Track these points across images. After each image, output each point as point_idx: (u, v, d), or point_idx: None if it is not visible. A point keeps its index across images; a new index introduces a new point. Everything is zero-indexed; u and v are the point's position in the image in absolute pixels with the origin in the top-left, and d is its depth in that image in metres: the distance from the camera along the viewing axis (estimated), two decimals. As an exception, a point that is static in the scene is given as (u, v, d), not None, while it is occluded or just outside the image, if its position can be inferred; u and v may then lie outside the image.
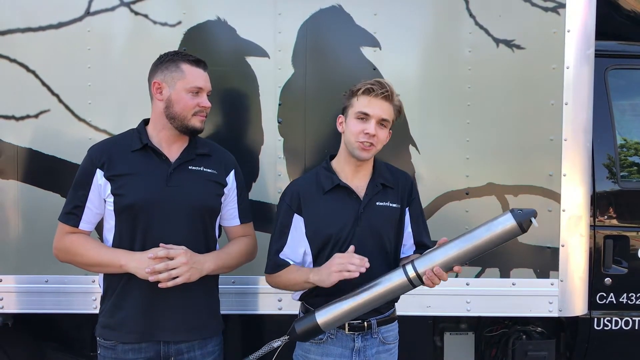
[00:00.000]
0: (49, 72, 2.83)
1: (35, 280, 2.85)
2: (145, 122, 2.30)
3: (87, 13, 2.82)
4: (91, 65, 2.83)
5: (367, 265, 2.02)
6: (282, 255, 2.23)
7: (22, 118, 2.84)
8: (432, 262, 2.03)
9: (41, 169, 2.84)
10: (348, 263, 2.01)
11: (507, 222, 1.97)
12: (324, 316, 2.09)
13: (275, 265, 2.24)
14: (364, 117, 2.15)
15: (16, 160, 2.85)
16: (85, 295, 2.84)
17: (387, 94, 2.15)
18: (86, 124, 2.84)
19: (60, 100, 2.84)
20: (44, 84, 2.84)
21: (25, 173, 2.86)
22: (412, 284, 2.06)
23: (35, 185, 2.85)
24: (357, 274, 2.01)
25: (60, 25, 2.83)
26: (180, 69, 2.19)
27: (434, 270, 2.01)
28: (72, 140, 2.82)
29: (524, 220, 1.96)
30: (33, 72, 2.83)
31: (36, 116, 2.84)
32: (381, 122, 2.16)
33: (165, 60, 2.22)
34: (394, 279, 2.07)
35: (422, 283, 2.05)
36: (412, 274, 2.04)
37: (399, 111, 2.23)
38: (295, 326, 2.13)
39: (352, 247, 2.09)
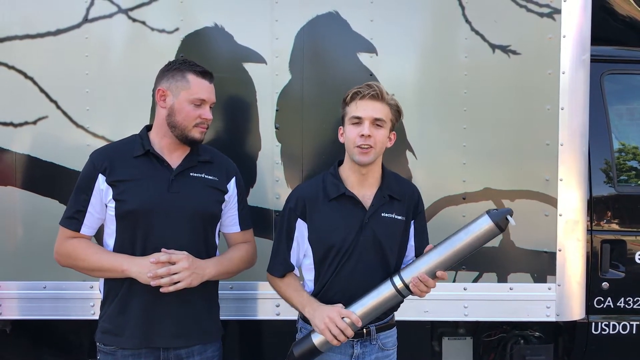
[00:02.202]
0: (47, 79, 2.84)
1: (34, 286, 2.85)
2: (148, 127, 2.30)
3: (85, 20, 2.83)
4: (89, 72, 2.84)
5: (347, 336, 2.05)
6: (290, 259, 2.25)
7: (20, 124, 2.85)
8: (417, 270, 2.05)
9: (39, 175, 2.85)
10: (334, 325, 2.04)
11: (484, 224, 2.01)
12: (320, 337, 2.10)
13: (282, 269, 2.25)
14: (357, 121, 2.14)
15: (14, 166, 2.86)
16: (83, 301, 2.84)
17: (375, 93, 2.13)
18: (84, 130, 2.84)
19: (58, 107, 2.84)
20: (42, 90, 2.84)
21: (24, 179, 2.86)
22: (400, 294, 2.08)
23: (33, 192, 2.85)
24: (336, 342, 2.04)
25: (58, 32, 2.84)
26: (186, 79, 2.19)
27: (420, 277, 2.03)
28: (70, 147, 2.83)
29: (500, 220, 1.99)
30: (31, 79, 2.84)
31: (34, 122, 2.85)
32: (376, 123, 2.14)
33: (172, 69, 2.22)
34: (383, 291, 2.09)
35: (411, 292, 2.07)
36: (399, 284, 2.07)
37: (398, 111, 2.21)
38: (294, 350, 2.14)
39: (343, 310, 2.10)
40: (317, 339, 2.10)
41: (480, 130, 2.88)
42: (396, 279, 2.07)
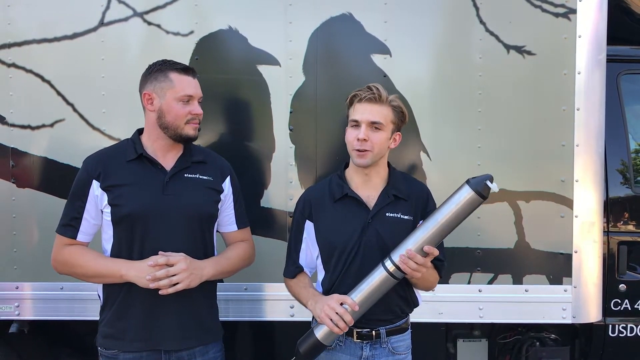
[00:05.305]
0: (63, 82, 2.88)
1: (51, 288, 2.88)
2: (140, 131, 2.30)
3: (101, 23, 2.86)
4: (105, 75, 2.87)
5: (346, 322, 2.03)
6: (299, 261, 2.28)
7: (37, 127, 2.89)
8: (404, 249, 2.02)
9: (56, 178, 2.88)
10: (333, 312, 2.03)
11: (466, 194, 1.98)
12: (321, 330, 2.10)
13: (292, 270, 2.29)
14: (355, 124, 2.15)
15: (32, 169, 2.89)
16: (99, 302, 2.86)
17: (373, 97, 2.11)
18: (100, 132, 2.87)
19: (74, 110, 2.88)
20: (59, 93, 2.88)
21: (41, 181, 2.90)
22: (393, 276, 2.05)
23: (50, 194, 2.89)
24: (337, 329, 2.03)
25: (74, 35, 2.87)
26: (169, 79, 2.19)
27: (407, 254, 2.00)
28: (87, 149, 2.79)
29: (482, 188, 1.96)
30: (48, 82, 2.88)
31: (51, 125, 2.88)
32: (373, 126, 2.13)
33: (154, 71, 2.22)
34: (376, 276, 2.07)
35: (403, 273, 2.04)
36: (390, 267, 2.04)
37: (402, 112, 2.19)
38: (299, 348, 2.13)
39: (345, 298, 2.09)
40: (319, 332, 2.09)
41: (495, 132, 2.87)
42: (387, 262, 2.05)
